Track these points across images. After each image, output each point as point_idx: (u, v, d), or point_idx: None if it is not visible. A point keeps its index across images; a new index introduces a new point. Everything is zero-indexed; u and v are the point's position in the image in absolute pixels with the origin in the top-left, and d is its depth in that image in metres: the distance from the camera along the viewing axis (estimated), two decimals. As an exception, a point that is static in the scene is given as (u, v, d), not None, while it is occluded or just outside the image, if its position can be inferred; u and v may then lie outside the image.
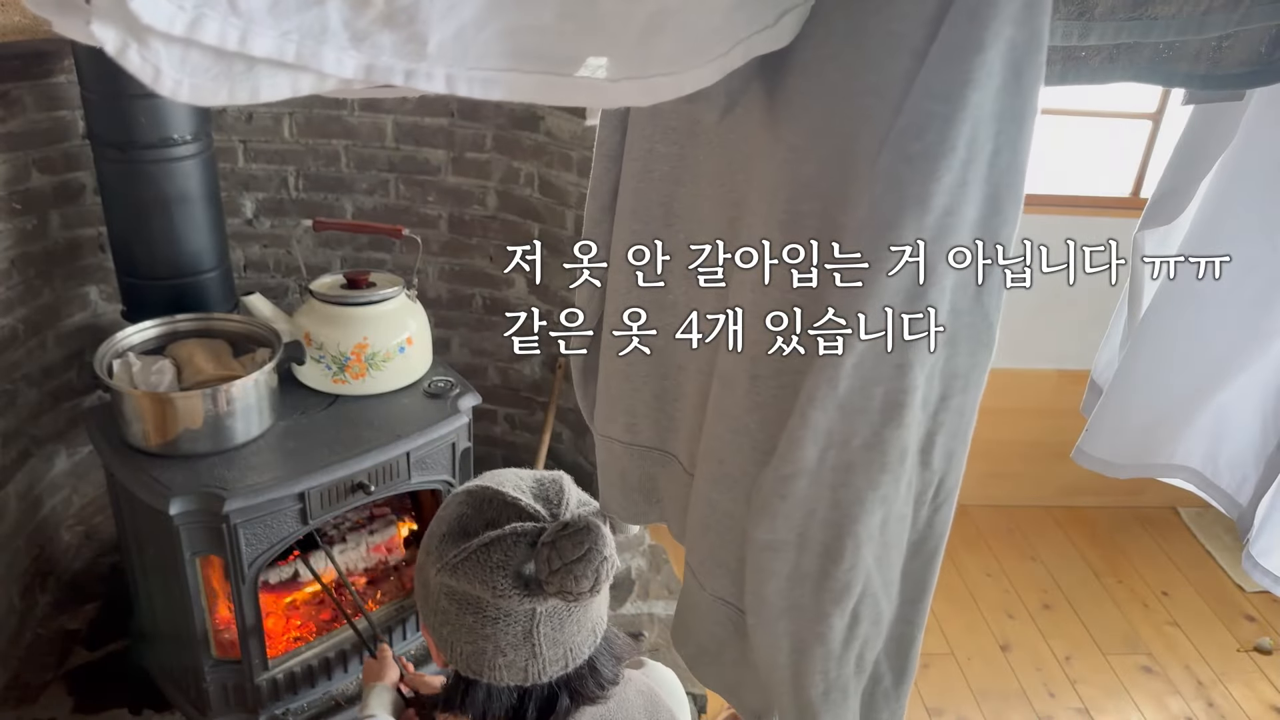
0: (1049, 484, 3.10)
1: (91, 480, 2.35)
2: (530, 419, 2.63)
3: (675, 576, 2.54)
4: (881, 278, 0.81)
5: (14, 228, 2.01)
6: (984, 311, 0.87)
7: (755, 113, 0.93)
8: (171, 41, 0.52)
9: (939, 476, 0.96)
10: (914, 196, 0.78)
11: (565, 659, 0.94)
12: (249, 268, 2.45)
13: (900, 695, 1.10)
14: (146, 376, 1.69)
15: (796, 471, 0.92)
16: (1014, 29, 0.72)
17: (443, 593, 0.93)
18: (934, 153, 0.76)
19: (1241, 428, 1.42)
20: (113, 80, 1.69)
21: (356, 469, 1.74)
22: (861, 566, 0.96)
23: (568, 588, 0.87)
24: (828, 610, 0.98)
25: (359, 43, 0.56)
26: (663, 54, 0.64)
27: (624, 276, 1.21)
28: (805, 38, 0.84)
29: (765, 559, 0.98)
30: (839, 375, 0.86)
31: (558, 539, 0.88)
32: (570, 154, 2.22)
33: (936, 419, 0.92)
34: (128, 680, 2.00)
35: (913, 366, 0.85)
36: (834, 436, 0.89)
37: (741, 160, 1.00)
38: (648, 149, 1.12)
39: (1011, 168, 0.79)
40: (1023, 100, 0.76)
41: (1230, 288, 1.33)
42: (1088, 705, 2.40)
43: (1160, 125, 2.69)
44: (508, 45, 0.59)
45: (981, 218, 0.81)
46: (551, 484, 0.97)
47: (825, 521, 0.94)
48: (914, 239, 0.79)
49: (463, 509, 0.94)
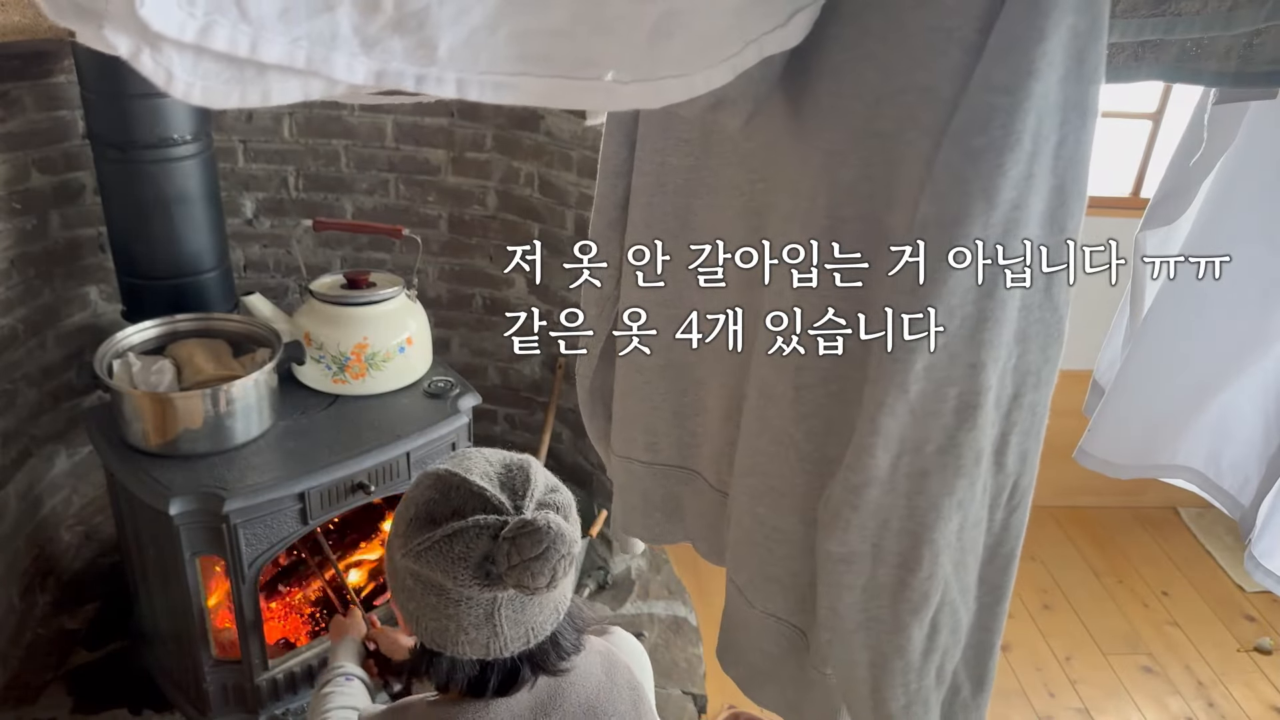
0: (1049, 484, 3.07)
1: (91, 480, 2.35)
2: (530, 419, 2.63)
3: (675, 576, 2.53)
4: (947, 277, 0.78)
5: (14, 228, 2.00)
6: (1054, 305, 0.84)
7: (777, 120, 0.92)
8: (184, 47, 0.52)
9: (1014, 477, 0.94)
10: (980, 191, 0.76)
11: (527, 637, 0.97)
12: (249, 268, 2.45)
13: (980, 705, 1.07)
14: (146, 376, 1.69)
15: (868, 480, 0.89)
16: (1075, 16, 0.70)
17: (408, 573, 0.96)
18: (999, 146, 0.74)
19: (1243, 428, 1.41)
20: (113, 80, 1.69)
21: (356, 469, 1.74)
22: (940, 575, 0.93)
23: (525, 583, 0.90)
24: (906, 621, 0.95)
25: (369, 49, 0.56)
26: (673, 55, 0.64)
27: (638, 292, 1.19)
28: (834, 40, 0.82)
29: (838, 572, 0.95)
30: (909, 379, 0.83)
31: (517, 536, 0.90)
32: (570, 154, 2.22)
33: (1010, 419, 0.89)
34: (128, 680, 2.00)
35: (985, 366, 0.83)
36: (906, 443, 0.87)
37: (761, 169, 0.99)
38: (660, 162, 1.10)
39: (1076, 158, 0.77)
40: (1085, 88, 0.74)
41: (1232, 288, 1.33)
42: (1088, 705, 2.40)
43: (1160, 125, 2.68)
44: (518, 49, 0.59)
45: (1049, 210, 0.79)
46: (519, 472, 0.98)
47: (900, 530, 0.92)
48: (981, 234, 0.77)
49: (430, 493, 0.96)
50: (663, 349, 1.21)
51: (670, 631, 2.35)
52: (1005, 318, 0.82)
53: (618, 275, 1.22)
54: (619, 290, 1.23)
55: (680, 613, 2.42)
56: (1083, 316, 3.06)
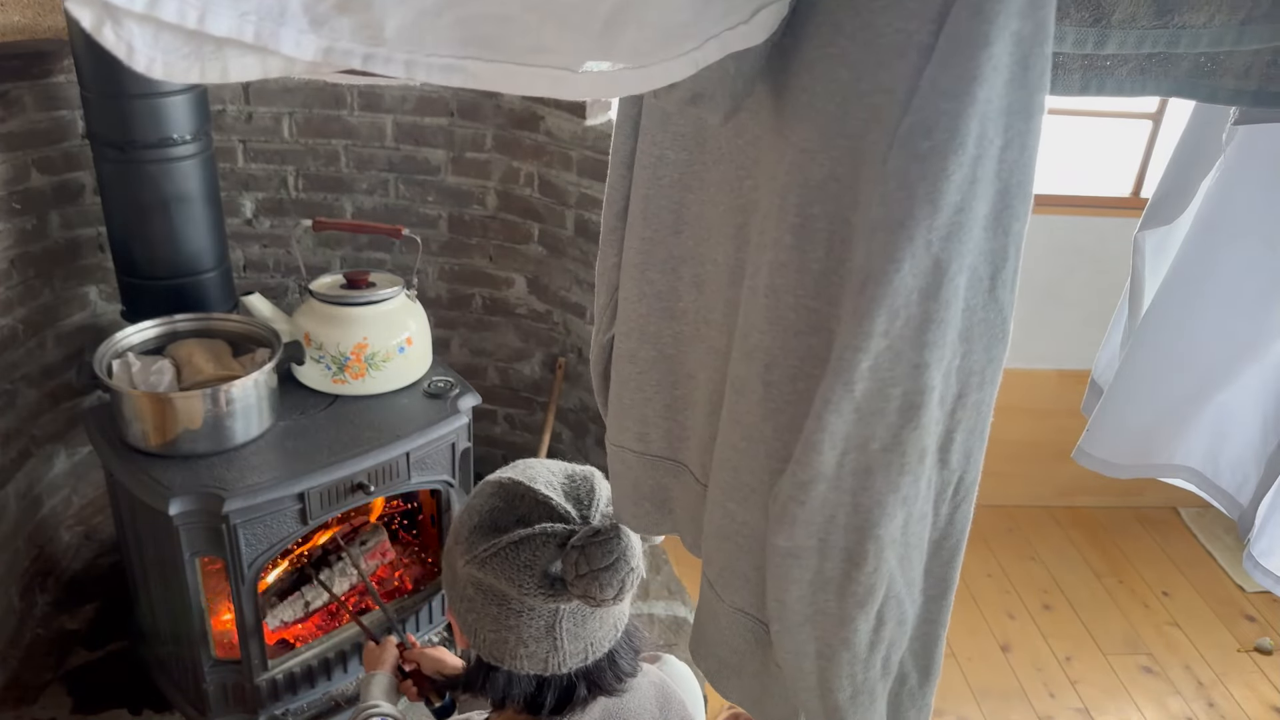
0: (1049, 484, 3.10)
1: (91, 480, 2.35)
2: (530, 419, 2.63)
3: (675, 577, 2.53)
4: (894, 278, 0.80)
5: (14, 228, 2.00)
6: (998, 306, 0.86)
7: (763, 116, 0.93)
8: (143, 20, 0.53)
9: (958, 474, 0.96)
10: (925, 195, 0.77)
11: (586, 652, 0.96)
12: (249, 268, 2.45)
13: (926, 694, 1.10)
14: (146, 376, 1.69)
15: (814, 477, 0.91)
16: (1019, 21, 0.71)
17: (469, 582, 0.94)
18: (943, 150, 0.75)
19: (1242, 428, 1.42)
20: (112, 80, 1.69)
21: (356, 469, 1.74)
22: (884, 569, 0.95)
23: (592, 594, 0.88)
24: (852, 614, 0.97)
25: (318, 26, 0.56)
26: (627, 46, 0.64)
27: (634, 284, 1.21)
28: (811, 37, 0.83)
29: (787, 566, 0.97)
30: (855, 377, 0.85)
31: (587, 545, 0.89)
32: (570, 154, 2.22)
33: (954, 417, 0.91)
34: (128, 680, 2.00)
35: (930, 365, 0.84)
36: (852, 440, 0.89)
37: (750, 166, 1.00)
38: (658, 155, 1.12)
39: (1021, 162, 0.78)
40: (1030, 94, 0.75)
41: (1231, 288, 1.33)
42: (1088, 705, 2.40)
43: (1160, 125, 2.68)
44: (467, 33, 0.59)
45: (993, 213, 0.80)
46: (583, 482, 0.98)
47: (846, 526, 0.94)
48: (926, 237, 0.79)
49: (494, 501, 0.95)
50: (655, 341, 1.22)
51: (670, 632, 2.35)
52: (949, 319, 0.83)
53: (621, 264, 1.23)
54: (620, 280, 1.24)
55: (680, 613, 2.42)
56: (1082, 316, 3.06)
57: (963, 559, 1.02)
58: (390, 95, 2.28)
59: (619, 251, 1.24)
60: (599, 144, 2.15)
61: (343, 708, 1.95)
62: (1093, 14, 0.81)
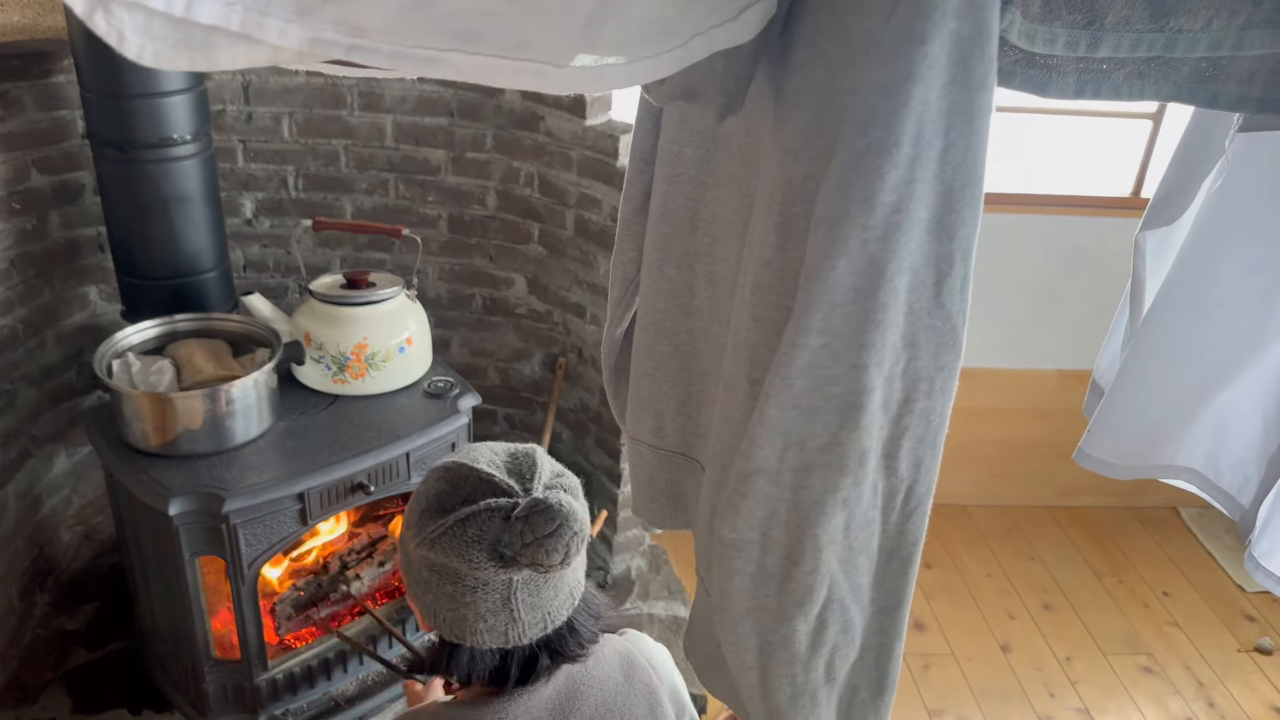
0: (1049, 484, 3.10)
1: (91, 480, 2.35)
2: (530, 419, 2.63)
3: (675, 577, 2.53)
4: (829, 275, 0.80)
5: (14, 228, 2.00)
6: (945, 313, 0.84)
7: (766, 115, 0.93)
8: (134, 8, 0.53)
9: (907, 483, 0.94)
10: (860, 193, 0.77)
11: (544, 621, 0.98)
12: (248, 268, 2.45)
13: (880, 708, 1.09)
14: (146, 377, 1.69)
15: (756, 470, 0.91)
16: (958, 21, 0.70)
17: (423, 564, 0.97)
18: (878, 148, 0.75)
19: (1243, 428, 1.41)
20: (112, 80, 1.69)
21: (356, 469, 1.74)
22: (824, 570, 0.95)
23: (540, 560, 0.90)
24: (791, 613, 0.98)
25: (303, 16, 0.57)
26: (610, 42, 0.64)
27: (653, 279, 1.21)
28: (796, 36, 0.83)
29: (729, 557, 0.98)
30: (793, 373, 0.85)
31: (530, 515, 0.91)
32: (570, 154, 2.22)
33: (900, 423, 0.90)
34: (127, 680, 2.00)
35: (868, 368, 0.84)
36: (792, 436, 0.89)
37: (755, 164, 1.00)
38: (676, 152, 1.12)
39: (965, 166, 0.77)
40: (972, 95, 0.74)
41: (1231, 288, 1.33)
42: (1088, 705, 2.40)
43: (1160, 125, 2.68)
44: (451, 26, 0.60)
45: (935, 217, 0.79)
46: (524, 458, 1.00)
47: (787, 523, 0.94)
48: (860, 236, 0.78)
49: (440, 485, 0.98)
50: (671, 337, 1.22)
51: (670, 632, 2.35)
52: (889, 321, 0.82)
53: (640, 261, 1.24)
54: (640, 275, 1.24)
55: (680, 613, 2.42)
56: (1082, 317, 3.06)
57: (917, 572, 1.02)
58: (390, 95, 2.27)
59: (636, 246, 1.24)
60: (599, 144, 2.15)
61: (343, 708, 1.95)
62: (1085, 16, 0.79)
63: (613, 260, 1.29)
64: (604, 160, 2.15)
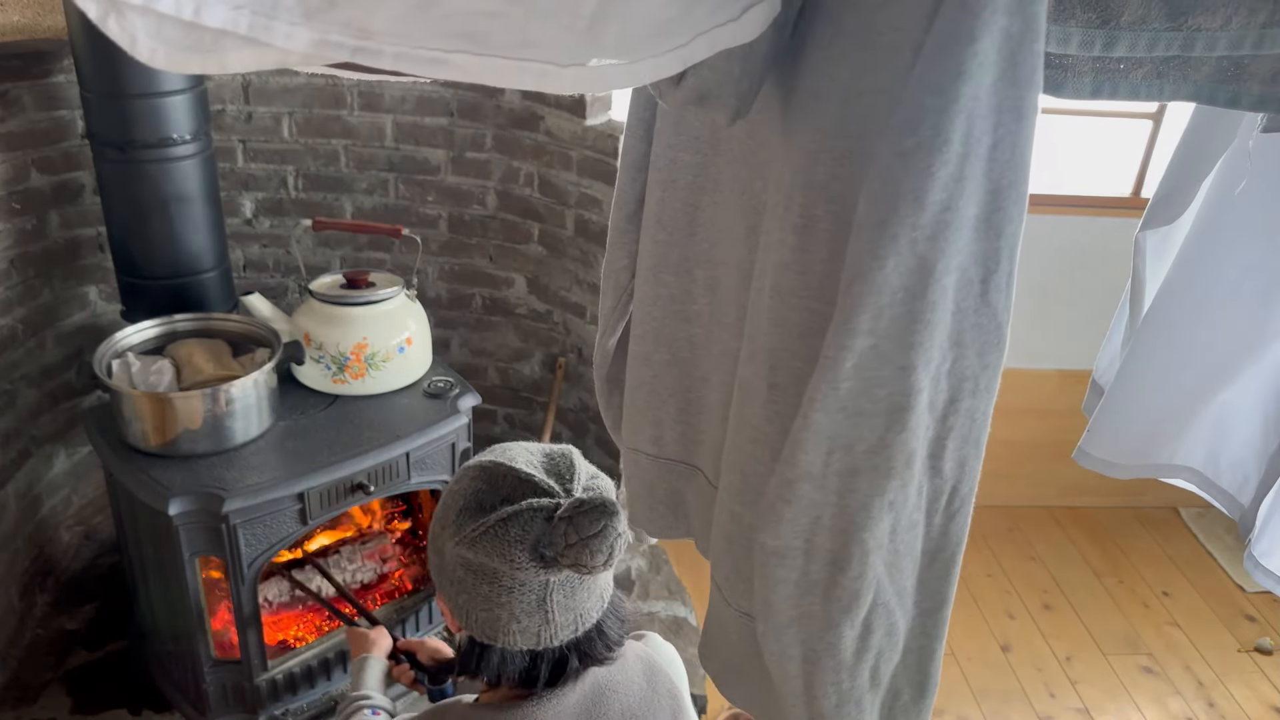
0: (1049, 484, 3.10)
1: (91, 480, 2.35)
2: (530, 419, 2.63)
3: (675, 577, 2.53)
4: (876, 276, 0.79)
5: (13, 228, 2.00)
6: (991, 311, 0.84)
7: (772, 118, 0.92)
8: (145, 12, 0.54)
9: (951, 483, 0.93)
10: (909, 192, 0.76)
11: (576, 624, 0.97)
12: (248, 267, 2.45)
13: (921, 710, 1.07)
14: (146, 377, 1.69)
15: (800, 475, 0.90)
16: (1008, 18, 0.70)
17: (459, 564, 0.96)
18: (928, 147, 0.74)
19: (1243, 428, 1.41)
20: (112, 80, 1.69)
21: (356, 469, 1.74)
22: (870, 575, 0.94)
23: (583, 561, 0.90)
24: (837, 619, 0.96)
25: (309, 19, 0.58)
26: (613, 42, 0.64)
27: (649, 287, 1.20)
28: (813, 38, 0.83)
29: (772, 565, 0.96)
30: (839, 377, 0.84)
31: (575, 515, 0.90)
32: (570, 154, 2.22)
33: (945, 423, 0.89)
34: (127, 680, 2.00)
35: (916, 368, 0.83)
36: (838, 440, 0.88)
37: (760, 168, 0.99)
38: (672, 158, 1.11)
39: (1013, 162, 0.76)
40: (1020, 92, 0.73)
41: (1231, 288, 1.33)
42: (1088, 705, 2.40)
43: (1160, 125, 2.68)
44: (454, 27, 0.60)
45: (983, 214, 0.79)
46: (562, 458, 1.00)
47: (832, 528, 0.93)
48: (910, 235, 0.77)
49: (478, 484, 0.97)
50: (670, 344, 1.22)
51: (670, 632, 2.35)
52: (937, 320, 0.82)
53: (634, 268, 1.23)
54: (634, 283, 1.24)
55: (680, 613, 2.42)
56: (1081, 316, 3.05)
57: (959, 573, 1.01)
58: (390, 95, 2.27)
59: (629, 254, 1.23)
60: (599, 144, 2.15)
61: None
62: (1100, 15, 0.78)
63: (604, 269, 1.28)
64: (604, 160, 2.15)
